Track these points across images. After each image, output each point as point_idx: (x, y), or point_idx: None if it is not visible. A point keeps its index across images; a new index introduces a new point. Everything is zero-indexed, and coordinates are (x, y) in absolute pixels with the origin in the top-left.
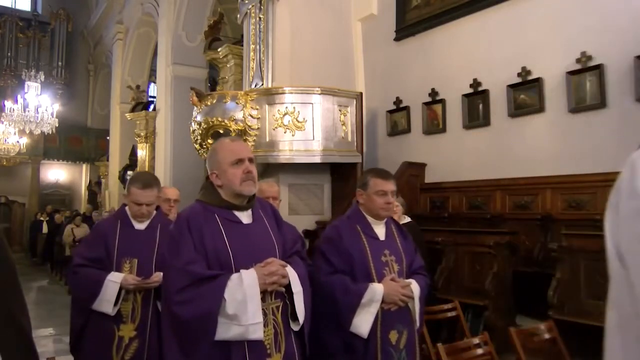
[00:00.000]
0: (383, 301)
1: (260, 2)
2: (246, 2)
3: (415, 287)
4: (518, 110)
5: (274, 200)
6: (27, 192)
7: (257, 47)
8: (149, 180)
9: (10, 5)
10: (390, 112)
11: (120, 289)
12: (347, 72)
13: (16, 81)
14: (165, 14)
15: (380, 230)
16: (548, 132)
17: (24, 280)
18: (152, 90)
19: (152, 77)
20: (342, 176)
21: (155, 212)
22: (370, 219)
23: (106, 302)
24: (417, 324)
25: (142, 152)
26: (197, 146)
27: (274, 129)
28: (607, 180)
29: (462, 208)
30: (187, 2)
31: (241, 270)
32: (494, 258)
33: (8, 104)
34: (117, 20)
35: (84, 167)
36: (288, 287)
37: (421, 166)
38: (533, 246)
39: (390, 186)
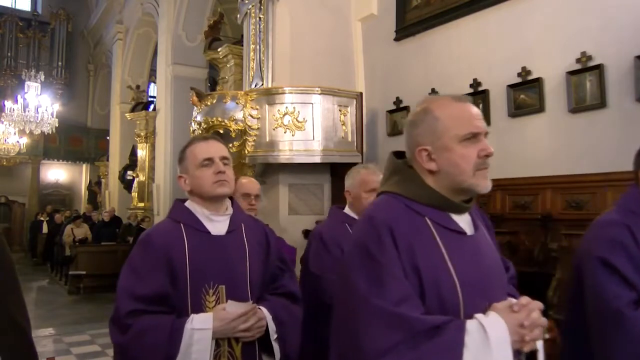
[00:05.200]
0: None
1: (260, 2)
2: (246, 2)
3: None
4: (518, 110)
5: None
6: (27, 192)
7: (257, 47)
8: (207, 135)
9: (10, 5)
10: (390, 112)
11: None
12: (347, 72)
13: (16, 81)
14: (165, 14)
15: None
16: (548, 132)
17: (24, 280)
18: (152, 90)
19: (152, 77)
20: (342, 176)
21: (230, 201)
22: None
23: None
24: None
25: (142, 152)
26: None
27: (274, 129)
28: (607, 180)
29: None
30: (187, 2)
31: (478, 316)
32: None
33: (8, 104)
34: (117, 20)
35: (84, 167)
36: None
37: None
38: (533, 246)
39: None
